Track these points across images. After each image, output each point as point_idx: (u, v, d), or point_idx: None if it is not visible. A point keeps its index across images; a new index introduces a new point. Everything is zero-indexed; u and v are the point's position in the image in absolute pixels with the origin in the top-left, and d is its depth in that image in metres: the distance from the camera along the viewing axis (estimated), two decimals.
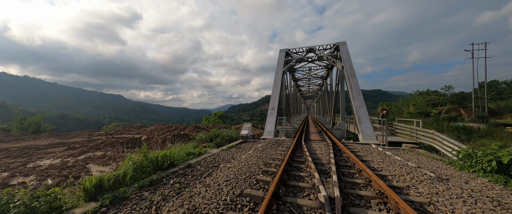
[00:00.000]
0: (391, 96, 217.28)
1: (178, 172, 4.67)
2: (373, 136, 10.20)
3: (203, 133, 12.50)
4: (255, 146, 8.23)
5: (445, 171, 4.88)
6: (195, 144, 9.88)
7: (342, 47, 16.76)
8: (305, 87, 44.18)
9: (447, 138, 6.64)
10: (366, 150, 7.17)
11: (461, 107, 35.50)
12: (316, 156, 5.96)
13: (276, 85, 15.71)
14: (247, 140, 10.29)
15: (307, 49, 18.64)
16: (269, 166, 4.91)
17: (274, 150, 7.05)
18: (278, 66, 17.42)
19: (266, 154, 6.34)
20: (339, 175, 4.13)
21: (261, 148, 7.31)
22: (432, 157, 6.52)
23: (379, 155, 6.36)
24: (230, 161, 5.65)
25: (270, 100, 14.82)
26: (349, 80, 13.90)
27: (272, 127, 12.66)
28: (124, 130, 20.28)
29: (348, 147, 7.67)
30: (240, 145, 8.89)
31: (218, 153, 6.76)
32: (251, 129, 11.27)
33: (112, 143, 10.99)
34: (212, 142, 11.54)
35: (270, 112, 13.88)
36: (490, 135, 13.56)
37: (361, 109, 11.93)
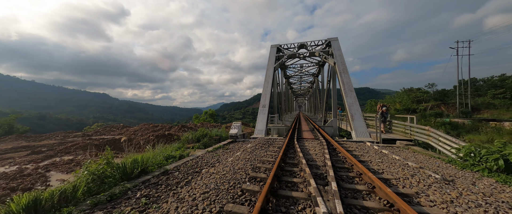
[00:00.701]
0: (378, 94, 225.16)
1: (150, 181, 3.92)
2: (367, 133, 9.92)
3: (190, 133, 11.65)
4: (244, 146, 7.59)
5: (447, 171, 4.53)
6: (179, 145, 9.07)
7: (334, 43, 16.44)
8: (297, 84, 44.08)
9: (444, 135, 6.38)
10: (362, 149, 6.77)
11: (443, 103, 37.09)
12: (310, 157, 5.43)
13: (267, 82, 15.11)
14: (236, 140, 9.62)
15: (298, 45, 18.18)
16: (258, 170, 4.29)
17: (265, 150, 6.45)
18: (269, 62, 16.81)
19: (255, 155, 5.71)
20: (338, 181, 3.60)
21: (250, 149, 6.68)
22: (429, 154, 6.23)
23: (376, 154, 5.96)
24: (214, 165, 4.97)
25: (261, 98, 14.21)
26: (342, 76, 13.59)
27: (263, 125, 12.07)
28: (105, 130, 18.83)
29: (343, 146, 7.24)
30: (228, 145, 8.21)
31: (202, 156, 6.05)
32: (241, 127, 10.61)
33: (86, 145, 9.87)
34: (199, 142, 10.76)
35: (261, 110, 13.28)
36: (475, 130, 13.89)
37: (354, 105, 11.64)
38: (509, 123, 13.81)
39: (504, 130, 12.86)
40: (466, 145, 4.83)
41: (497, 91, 36.67)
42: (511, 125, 13.54)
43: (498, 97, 35.15)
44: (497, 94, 35.95)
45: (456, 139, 5.84)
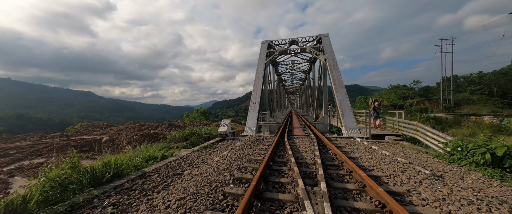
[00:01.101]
0: (367, 90, 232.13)
1: (123, 186, 3.53)
2: (357, 129, 9.95)
3: (177, 132, 11.15)
4: (233, 144, 7.28)
5: (435, 166, 4.50)
6: (163, 145, 8.60)
7: (325, 39, 16.38)
8: (289, 82, 44.15)
9: (431, 129, 6.42)
10: (352, 145, 6.69)
11: (427, 99, 38.74)
12: (300, 155, 5.23)
13: (258, 78, 14.80)
14: (225, 138, 9.28)
15: (290, 41, 17.97)
16: (245, 170, 4.01)
17: (254, 149, 6.18)
18: (260, 58, 16.48)
19: (243, 154, 5.43)
20: (328, 180, 3.40)
21: (238, 147, 6.39)
22: (417, 149, 6.25)
23: (366, 150, 5.88)
24: (198, 165, 4.63)
25: (251, 95, 13.89)
26: (332, 72, 13.57)
27: (254, 122, 11.80)
28: (87, 130, 17.74)
29: (333, 142, 7.14)
30: (216, 144, 7.86)
31: (187, 156, 5.67)
32: (230, 125, 10.27)
33: (62, 146, 9.11)
34: (186, 141, 10.31)
35: (252, 107, 12.98)
36: (458, 124, 14.48)
37: (344, 101, 11.66)
38: (487, 117, 14.52)
39: (483, 123, 13.50)
40: (453, 139, 4.83)
41: (476, 87, 38.80)
42: (489, 119, 14.23)
43: (476, 93, 37.21)
44: (476, 91, 38.04)
45: (442, 134, 5.88)
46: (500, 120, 13.74)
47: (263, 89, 14.57)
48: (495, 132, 11.78)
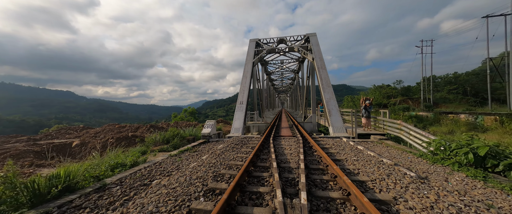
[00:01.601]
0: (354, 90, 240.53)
1: (73, 202, 2.97)
2: (343, 129, 9.91)
3: (158, 134, 10.44)
4: (215, 147, 6.82)
5: (419, 166, 4.39)
6: (140, 149, 7.93)
7: (312, 38, 16.33)
8: (278, 81, 44.20)
9: (414, 128, 6.42)
10: (338, 145, 6.52)
11: (408, 98, 40.69)
12: (284, 158, 4.91)
13: (246, 77, 14.39)
14: (209, 140, 8.79)
15: (278, 40, 17.75)
16: (221, 179, 3.60)
17: (236, 152, 5.78)
18: (247, 57, 16.07)
19: (223, 159, 5.01)
20: (310, 187, 3.09)
21: (220, 151, 5.95)
22: (401, 149, 6.21)
23: (352, 150, 5.71)
24: (171, 173, 4.14)
25: (238, 94, 13.46)
26: (320, 72, 13.52)
27: (241, 123, 11.39)
28: (59, 133, 16.29)
29: (319, 143, 6.94)
30: (198, 147, 7.36)
31: (161, 161, 5.14)
32: (215, 126, 9.78)
33: (21, 152, 8.09)
34: (168, 144, 9.66)
35: (239, 107, 12.55)
36: (437, 122, 15.12)
37: (331, 101, 11.62)
38: (464, 115, 15.32)
39: (460, 121, 14.20)
40: (436, 138, 4.78)
41: (452, 87, 41.33)
42: (465, 117, 15.02)
43: (452, 93, 39.67)
44: (452, 90, 40.54)
45: (425, 133, 5.87)
46: (475, 117, 14.53)
47: (251, 89, 14.19)
48: (471, 129, 12.36)
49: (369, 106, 9.20)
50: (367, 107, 9.24)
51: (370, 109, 9.21)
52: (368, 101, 9.24)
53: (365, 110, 9.31)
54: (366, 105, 9.25)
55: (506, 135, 10.25)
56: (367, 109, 9.25)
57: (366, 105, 9.22)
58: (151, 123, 40.56)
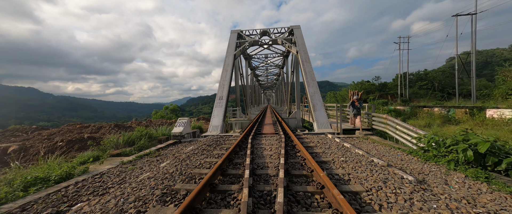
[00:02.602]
0: (336, 86, 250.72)
1: None
2: (328, 124, 9.46)
3: (122, 134, 8.97)
4: (183, 150, 5.77)
5: (412, 166, 3.89)
6: (92, 154, 6.55)
7: (296, 31, 15.68)
8: (263, 77, 43.52)
9: (401, 123, 6.05)
10: (323, 143, 5.90)
11: (385, 93, 43.00)
12: (262, 162, 4.09)
13: (226, 70, 13.28)
14: (181, 141, 7.66)
15: (261, 32, 16.78)
16: (171, 199, 2.63)
17: (206, 155, 4.82)
18: (228, 49, 14.91)
19: (186, 166, 4.02)
20: (290, 207, 2.29)
21: (186, 154, 4.93)
22: (388, 145, 5.80)
23: (339, 149, 5.10)
24: (107, 191, 3.06)
25: (218, 89, 12.35)
26: (304, 65, 12.94)
27: (219, 120, 10.36)
28: (3, 136, 13.69)
29: (303, 141, 6.27)
30: (165, 149, 6.24)
31: (106, 172, 3.99)
32: (189, 124, 8.64)
33: None
34: (133, 146, 8.31)
35: (218, 102, 11.48)
36: (414, 116, 15.67)
37: (316, 95, 11.12)
38: (437, 109, 16.10)
39: (435, 114, 14.85)
40: (428, 134, 4.33)
41: (422, 83, 44.47)
42: (439, 110, 15.77)
43: (423, 88, 42.74)
44: (422, 86, 43.65)
45: (413, 127, 5.49)
46: (447, 110, 15.30)
47: (230, 83, 13.12)
48: (445, 121, 12.86)
49: (359, 102, 7.84)
50: (354, 103, 7.83)
51: (360, 105, 7.80)
52: (356, 97, 7.98)
53: (352, 106, 7.90)
54: (353, 102, 7.86)
55: (476, 127, 10.74)
56: (355, 105, 7.85)
57: (354, 102, 7.84)
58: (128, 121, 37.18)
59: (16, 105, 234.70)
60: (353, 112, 7.93)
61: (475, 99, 23.72)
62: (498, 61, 65.08)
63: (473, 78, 23.79)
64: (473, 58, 24.72)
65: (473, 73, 24.26)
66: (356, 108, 7.86)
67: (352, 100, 7.94)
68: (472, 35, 24.18)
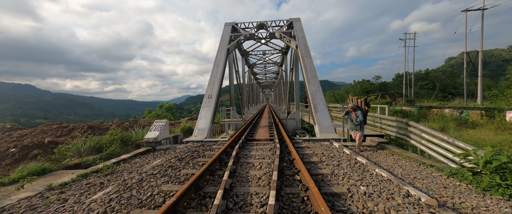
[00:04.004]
0: (335, 86, 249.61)
1: None
2: (332, 128, 8.13)
3: (90, 139, 7.58)
4: (144, 166, 4.41)
5: (468, 201, 2.57)
6: (35, 167, 5.15)
7: (296, 24, 14.29)
8: (262, 75, 42.11)
9: (429, 130, 4.72)
10: (330, 156, 4.56)
11: (385, 93, 41.90)
12: (242, 194, 2.74)
13: (217, 65, 11.88)
14: (155, 148, 6.29)
15: (258, 25, 15.34)
16: None
17: (168, 178, 3.45)
18: (221, 42, 13.50)
19: (127, 201, 2.66)
20: None
21: (142, 176, 3.56)
22: (414, 159, 4.47)
23: (352, 168, 3.76)
24: None
25: (207, 86, 10.96)
26: (304, 61, 11.57)
27: (207, 122, 8.99)
28: None
29: (304, 154, 4.93)
30: (128, 161, 4.89)
31: (6, 208, 2.63)
32: (167, 128, 7.26)
33: None
34: (101, 153, 6.93)
35: (206, 102, 10.09)
36: (424, 117, 14.39)
37: (317, 94, 9.78)
38: (448, 110, 14.82)
39: (447, 116, 13.59)
40: (486, 151, 3.00)
41: (423, 83, 43.42)
42: (450, 111, 14.50)
43: (424, 88, 41.64)
44: (423, 86, 42.58)
45: (449, 137, 4.16)
46: (460, 112, 14.03)
47: (222, 79, 11.72)
48: (459, 124, 11.60)
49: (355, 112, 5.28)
50: (350, 113, 5.41)
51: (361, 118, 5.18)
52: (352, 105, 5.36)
53: (348, 117, 5.48)
54: (348, 111, 5.42)
55: (498, 131, 9.48)
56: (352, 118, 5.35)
57: (349, 111, 5.39)
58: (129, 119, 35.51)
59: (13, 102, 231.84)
60: (350, 125, 5.41)
61: (482, 100, 22.53)
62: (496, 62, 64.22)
63: (481, 78, 22.58)
64: (480, 56, 23.48)
65: (480, 73, 23.05)
66: (353, 121, 5.29)
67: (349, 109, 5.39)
68: (481, 31, 22.93)
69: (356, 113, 5.28)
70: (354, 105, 5.32)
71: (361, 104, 5.66)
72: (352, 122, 5.40)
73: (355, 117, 5.29)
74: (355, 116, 5.30)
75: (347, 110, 5.49)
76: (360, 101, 5.65)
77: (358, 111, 5.27)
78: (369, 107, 5.71)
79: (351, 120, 5.42)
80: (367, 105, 5.65)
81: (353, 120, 5.35)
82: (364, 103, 5.68)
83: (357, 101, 5.71)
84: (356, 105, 5.37)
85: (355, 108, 5.30)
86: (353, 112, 5.34)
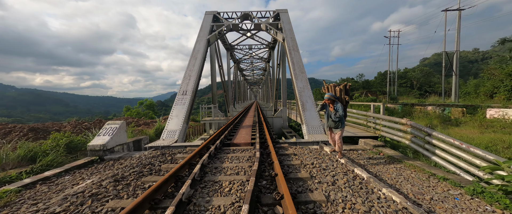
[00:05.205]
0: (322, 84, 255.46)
1: None
2: (320, 128, 7.31)
3: (23, 144, 5.90)
4: (76, 186, 3.10)
5: None
6: None
7: (283, 15, 13.28)
8: (249, 71, 40.86)
9: (436, 134, 3.98)
10: (321, 169, 3.62)
11: (368, 91, 43.34)
12: None
13: (195, 58, 10.48)
14: (103, 158, 4.90)
15: (242, 15, 14.06)
16: None
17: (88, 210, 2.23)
18: (200, 33, 12.05)
19: None
20: None
21: (48, 211, 2.30)
22: (419, 168, 3.71)
23: (350, 185, 2.84)
24: None
25: (182, 80, 9.57)
26: (291, 54, 10.63)
27: (179, 122, 7.66)
28: None
29: (290, 165, 3.95)
30: (54, 179, 3.52)
31: None
32: (124, 131, 5.85)
33: None
34: (32, 165, 5.34)
35: (180, 99, 8.73)
36: (409, 115, 14.37)
37: (305, 90, 8.91)
38: (431, 107, 15.00)
39: (431, 114, 13.67)
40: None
41: (402, 81, 45.57)
42: (433, 108, 14.67)
43: (402, 86, 43.70)
44: (402, 84, 44.71)
45: (461, 143, 3.43)
46: (442, 109, 14.20)
47: (199, 73, 10.36)
48: (443, 121, 11.57)
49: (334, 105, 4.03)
50: (327, 106, 4.18)
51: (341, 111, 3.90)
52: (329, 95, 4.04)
53: (325, 111, 4.24)
54: (325, 104, 4.17)
55: (482, 129, 9.45)
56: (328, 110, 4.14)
57: (326, 104, 4.16)
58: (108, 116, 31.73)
59: None
60: (328, 122, 4.17)
61: (457, 98, 23.69)
62: (463, 63, 69.85)
63: (457, 76, 23.67)
64: (457, 55, 24.60)
65: (457, 71, 24.17)
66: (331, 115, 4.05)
67: (326, 102, 4.12)
68: (458, 31, 23.91)
69: (335, 105, 3.98)
70: (332, 95, 4.04)
71: (340, 93, 4.24)
72: (330, 118, 4.09)
73: (334, 111, 3.96)
74: (333, 110, 3.98)
75: (323, 102, 4.18)
76: (339, 90, 4.23)
77: (337, 103, 3.99)
78: (350, 96, 4.39)
79: (329, 116, 4.10)
80: (348, 94, 4.27)
81: (331, 115, 4.04)
82: (344, 92, 4.23)
83: (335, 90, 4.28)
84: (334, 96, 4.08)
85: (333, 99, 4.04)
86: (331, 104, 4.07)
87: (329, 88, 4.37)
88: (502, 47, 43.31)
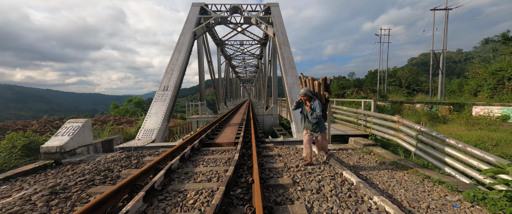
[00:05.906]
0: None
1: None
2: None
3: None
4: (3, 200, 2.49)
5: None
6: None
7: (274, 9, 12.78)
8: (241, 68, 40.15)
9: (432, 133, 3.68)
10: (306, 170, 3.22)
11: (359, 89, 44.10)
12: None
13: (179, 51, 9.80)
14: (61, 162, 4.25)
15: (231, 8, 13.41)
16: None
17: None
18: (185, 25, 11.34)
19: None
20: None
21: None
22: (412, 170, 3.40)
23: (338, 193, 2.45)
24: None
25: (164, 75, 8.89)
26: (281, 49, 10.20)
27: (158, 121, 7.03)
28: None
29: (271, 168, 3.52)
30: None
31: None
32: (89, 130, 5.18)
33: None
34: None
35: (160, 95, 8.07)
36: (398, 112, 14.45)
37: (295, 87, 8.53)
38: (419, 105, 15.17)
39: (419, 111, 13.80)
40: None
41: (391, 80, 46.77)
42: (421, 106, 14.83)
43: (391, 85, 44.80)
44: (391, 82, 45.87)
45: (458, 142, 3.13)
46: (430, 107, 14.38)
47: (183, 68, 9.70)
48: (431, 119, 11.65)
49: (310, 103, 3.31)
50: (302, 104, 3.46)
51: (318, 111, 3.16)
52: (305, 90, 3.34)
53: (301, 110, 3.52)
54: (302, 101, 3.44)
55: (469, 126, 9.52)
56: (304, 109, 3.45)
57: (302, 101, 3.44)
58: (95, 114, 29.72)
59: None
60: (304, 123, 3.46)
61: (443, 96, 24.37)
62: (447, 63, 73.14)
63: (443, 75, 24.29)
64: (443, 54, 25.22)
65: (444, 70, 24.80)
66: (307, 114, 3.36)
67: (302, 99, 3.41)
68: (444, 31, 24.45)
69: (312, 103, 3.22)
70: (308, 90, 3.29)
71: (318, 88, 3.47)
72: (307, 118, 3.35)
73: (311, 110, 3.21)
74: (310, 109, 3.23)
75: (299, 100, 3.40)
76: (318, 84, 3.47)
77: (315, 101, 3.22)
78: (330, 92, 3.55)
79: (306, 116, 3.36)
80: (328, 90, 3.50)
81: (308, 115, 3.30)
82: (323, 88, 3.45)
83: (313, 84, 3.51)
84: (312, 91, 3.34)
85: (310, 96, 3.28)
86: (307, 101, 3.33)
87: (306, 82, 3.62)
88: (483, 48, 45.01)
